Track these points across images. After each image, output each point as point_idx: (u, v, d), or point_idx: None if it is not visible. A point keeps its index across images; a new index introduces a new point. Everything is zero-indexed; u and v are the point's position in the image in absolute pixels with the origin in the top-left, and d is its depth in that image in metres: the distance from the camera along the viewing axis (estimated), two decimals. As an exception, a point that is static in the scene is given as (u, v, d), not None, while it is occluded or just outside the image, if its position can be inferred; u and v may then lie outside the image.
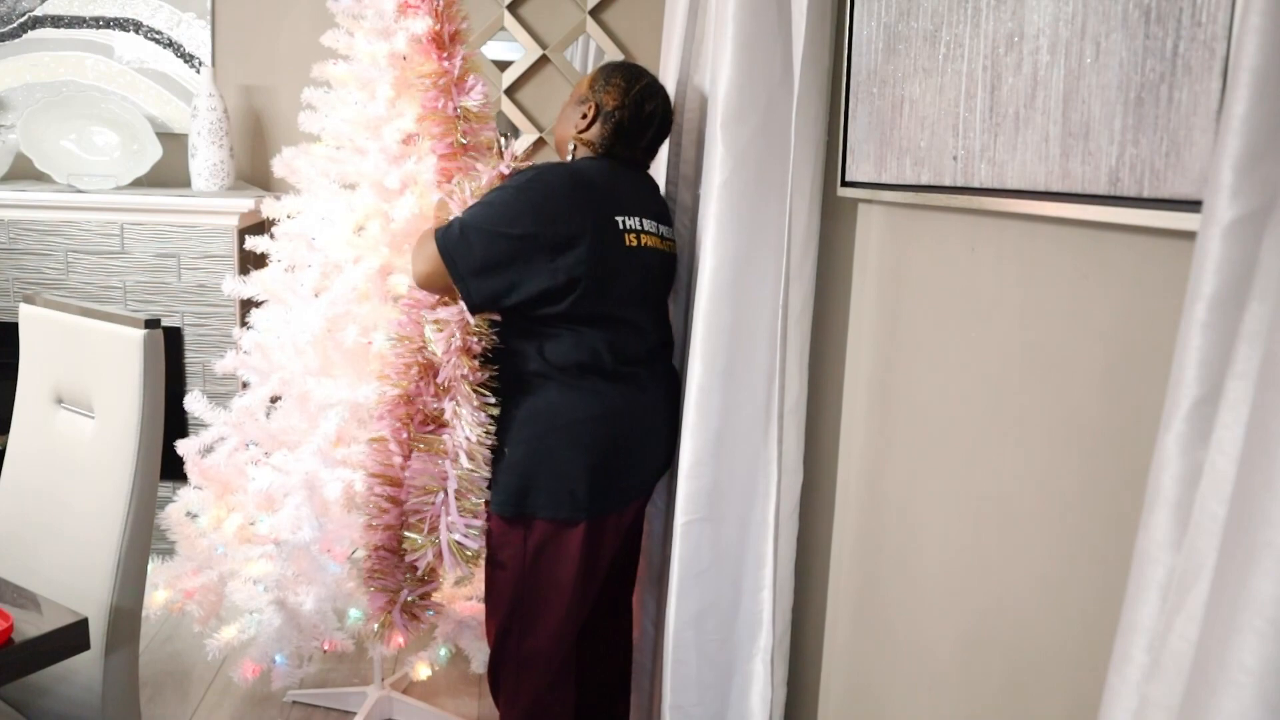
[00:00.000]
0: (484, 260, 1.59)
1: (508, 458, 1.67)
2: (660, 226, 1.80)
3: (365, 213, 2.07)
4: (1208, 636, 0.67)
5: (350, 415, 2.05)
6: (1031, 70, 1.12)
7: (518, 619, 1.72)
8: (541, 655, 1.73)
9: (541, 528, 1.67)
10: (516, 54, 3.20)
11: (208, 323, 2.95)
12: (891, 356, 1.55)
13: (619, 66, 1.84)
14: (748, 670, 1.82)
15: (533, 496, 1.66)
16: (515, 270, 1.61)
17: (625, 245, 1.69)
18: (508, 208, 1.61)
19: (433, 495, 1.69)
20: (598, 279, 1.64)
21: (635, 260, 1.71)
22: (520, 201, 1.62)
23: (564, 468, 1.65)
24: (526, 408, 1.67)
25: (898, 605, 1.53)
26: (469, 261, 1.60)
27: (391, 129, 2.01)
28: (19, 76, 3.20)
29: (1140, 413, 0.99)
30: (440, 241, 1.62)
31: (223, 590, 2.08)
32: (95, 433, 1.56)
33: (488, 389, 1.67)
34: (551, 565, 1.69)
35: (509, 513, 1.68)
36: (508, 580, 1.71)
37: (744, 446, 1.75)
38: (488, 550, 1.73)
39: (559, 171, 1.69)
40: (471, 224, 1.61)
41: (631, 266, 1.70)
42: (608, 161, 1.77)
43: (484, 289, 1.61)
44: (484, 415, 1.66)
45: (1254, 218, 0.70)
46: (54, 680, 1.54)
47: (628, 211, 1.72)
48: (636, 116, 1.77)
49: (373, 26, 2.03)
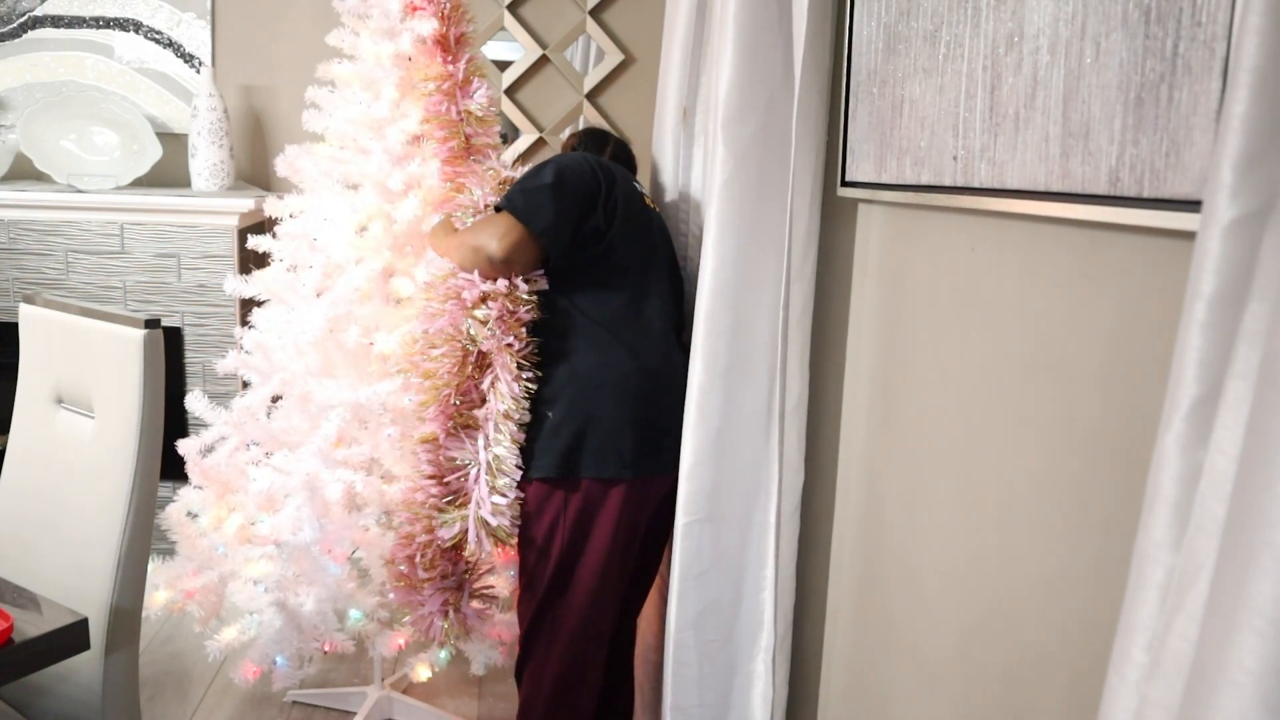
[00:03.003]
0: (555, 210, 1.70)
1: (551, 421, 1.71)
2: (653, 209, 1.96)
3: (368, 213, 2.07)
4: (1207, 636, 0.67)
5: (351, 416, 2.05)
6: (1031, 70, 1.12)
7: (555, 588, 1.73)
8: (577, 625, 1.74)
9: (586, 487, 1.70)
10: (516, 54, 3.20)
11: (208, 323, 2.95)
12: (891, 356, 1.55)
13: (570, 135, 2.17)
14: (749, 670, 1.82)
15: (580, 456, 1.69)
16: (577, 210, 1.73)
17: (645, 205, 1.88)
18: (548, 173, 1.74)
19: (465, 470, 1.72)
20: (627, 218, 1.78)
21: (652, 220, 1.88)
22: (554, 168, 1.75)
23: (610, 424, 1.70)
24: (567, 370, 1.72)
25: (898, 605, 1.53)
26: (544, 215, 1.69)
27: (396, 130, 2.01)
28: (19, 76, 3.20)
29: (1140, 413, 0.99)
30: (510, 207, 1.71)
31: (223, 591, 2.08)
32: (95, 433, 1.56)
33: (529, 362, 1.71)
34: (591, 527, 1.71)
35: (555, 474, 1.70)
36: (547, 548, 1.72)
37: (745, 447, 1.75)
38: (523, 521, 1.74)
39: (571, 155, 1.84)
40: (529, 188, 1.72)
41: (650, 224, 1.86)
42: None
43: (560, 235, 1.71)
44: (518, 388, 1.69)
45: (1254, 218, 0.70)
46: (54, 680, 1.54)
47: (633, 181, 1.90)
48: (589, 140, 2.09)
49: (378, 26, 2.03)
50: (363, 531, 2.07)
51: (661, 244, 1.91)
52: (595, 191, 1.76)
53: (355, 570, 2.15)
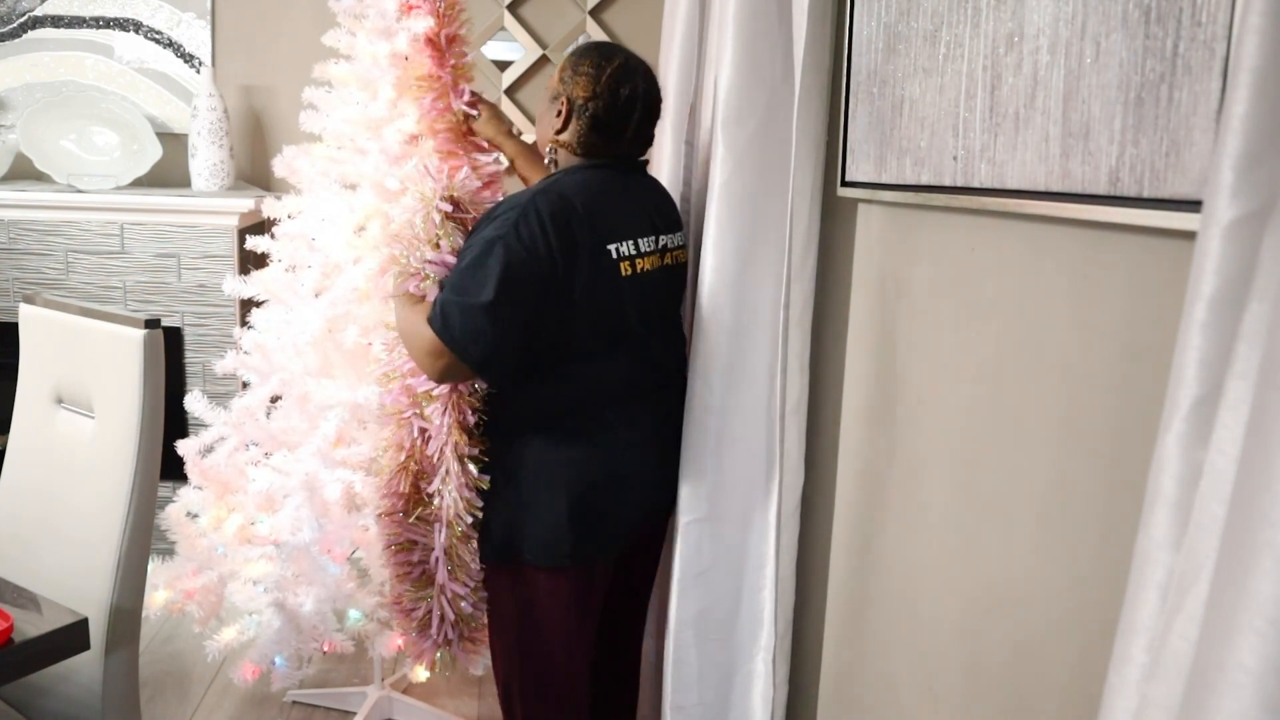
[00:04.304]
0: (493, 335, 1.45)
1: (494, 508, 1.62)
2: (664, 238, 1.69)
3: (366, 213, 2.07)
4: (1207, 636, 0.67)
5: (350, 416, 2.05)
6: (1031, 70, 1.12)
7: (520, 661, 1.68)
8: (548, 694, 1.68)
9: (531, 574, 1.62)
10: (516, 54, 3.20)
11: (208, 323, 2.95)
12: (891, 356, 1.55)
13: (589, 50, 1.65)
14: (749, 670, 1.82)
15: (520, 544, 1.60)
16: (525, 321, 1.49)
17: (620, 276, 1.57)
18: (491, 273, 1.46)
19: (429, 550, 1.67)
20: (590, 320, 1.55)
21: (634, 290, 1.60)
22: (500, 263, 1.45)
23: (547, 517, 1.59)
24: (512, 459, 1.60)
25: (897, 604, 1.53)
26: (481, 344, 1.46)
27: (392, 129, 2.01)
28: (19, 76, 3.20)
29: (1140, 413, 0.99)
30: (444, 331, 1.46)
31: (223, 591, 2.08)
32: (95, 433, 1.56)
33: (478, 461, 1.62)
34: (545, 609, 1.64)
35: (497, 558, 1.63)
36: (506, 625, 1.67)
37: (745, 446, 1.75)
38: (487, 596, 1.69)
39: (530, 219, 1.49)
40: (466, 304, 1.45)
41: (629, 298, 1.59)
42: (591, 172, 1.62)
43: (502, 361, 1.49)
44: (470, 492, 1.61)
45: (1254, 218, 0.70)
46: (54, 680, 1.54)
47: (621, 235, 1.58)
48: (613, 105, 1.59)
49: (374, 26, 2.03)
50: (362, 531, 2.07)
51: (653, 304, 1.67)
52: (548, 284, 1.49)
53: (354, 570, 2.15)
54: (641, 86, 1.62)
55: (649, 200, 1.70)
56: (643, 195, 1.69)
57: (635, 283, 1.60)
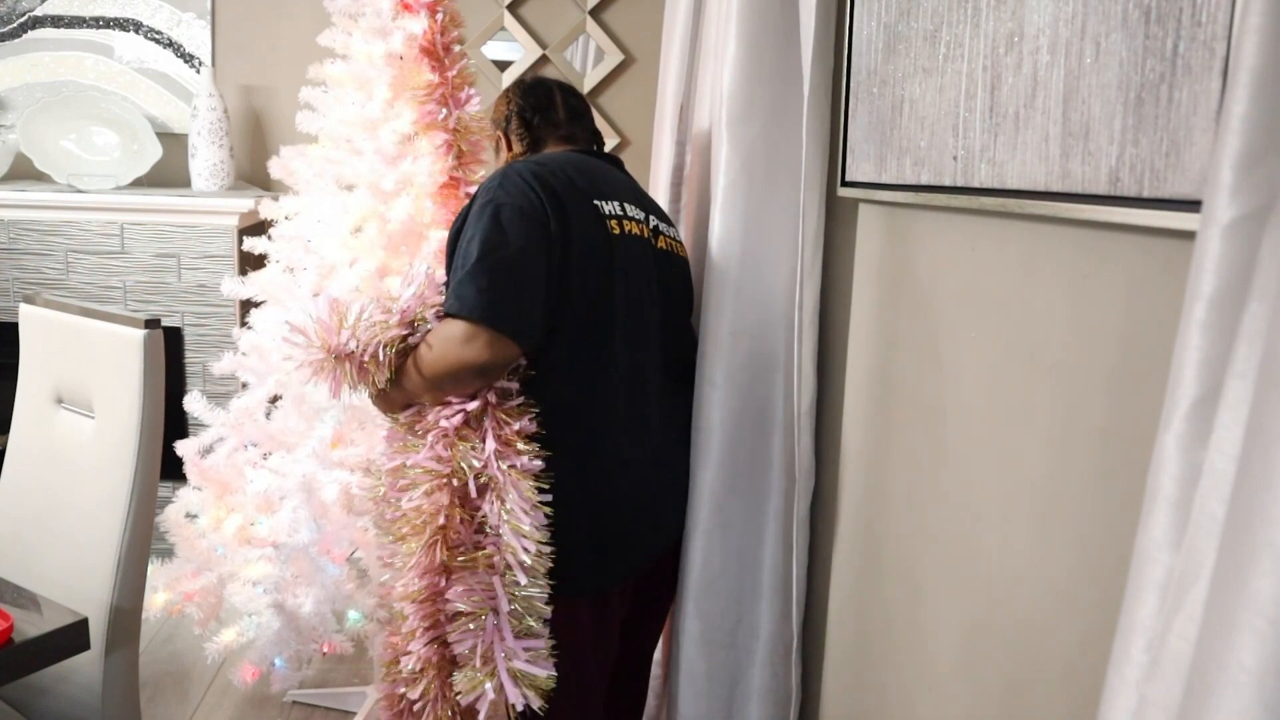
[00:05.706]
0: (514, 290, 1.38)
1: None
2: (654, 220, 1.65)
3: (362, 214, 2.07)
4: (1207, 636, 0.67)
5: (347, 417, 2.05)
6: (1031, 70, 1.12)
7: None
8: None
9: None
10: (516, 54, 3.20)
11: (208, 323, 2.95)
12: (892, 357, 1.55)
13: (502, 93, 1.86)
14: (759, 679, 1.79)
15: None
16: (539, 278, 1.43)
17: (610, 234, 1.52)
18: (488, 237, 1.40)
19: (480, 619, 1.39)
20: (582, 281, 1.47)
21: (624, 253, 1.53)
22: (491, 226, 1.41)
23: (561, 543, 1.47)
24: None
25: (898, 605, 1.52)
26: (507, 302, 1.38)
27: (388, 130, 2.01)
28: (19, 76, 3.20)
29: (1140, 413, 0.99)
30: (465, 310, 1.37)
31: (222, 592, 2.08)
32: (95, 433, 1.56)
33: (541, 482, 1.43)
34: (560, 638, 1.50)
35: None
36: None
37: (755, 450, 1.73)
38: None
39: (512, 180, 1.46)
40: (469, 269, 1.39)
41: (619, 262, 1.52)
42: (564, 152, 1.64)
43: (532, 314, 1.41)
44: (541, 515, 1.41)
45: (1254, 218, 0.70)
46: (54, 680, 1.54)
47: (606, 196, 1.55)
48: (529, 95, 1.77)
49: (370, 26, 2.03)
50: (361, 532, 2.07)
51: (639, 264, 1.57)
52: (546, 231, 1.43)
53: (354, 571, 2.15)
54: (549, 80, 1.81)
55: (630, 184, 1.70)
56: (624, 178, 1.70)
57: (624, 245, 1.54)
